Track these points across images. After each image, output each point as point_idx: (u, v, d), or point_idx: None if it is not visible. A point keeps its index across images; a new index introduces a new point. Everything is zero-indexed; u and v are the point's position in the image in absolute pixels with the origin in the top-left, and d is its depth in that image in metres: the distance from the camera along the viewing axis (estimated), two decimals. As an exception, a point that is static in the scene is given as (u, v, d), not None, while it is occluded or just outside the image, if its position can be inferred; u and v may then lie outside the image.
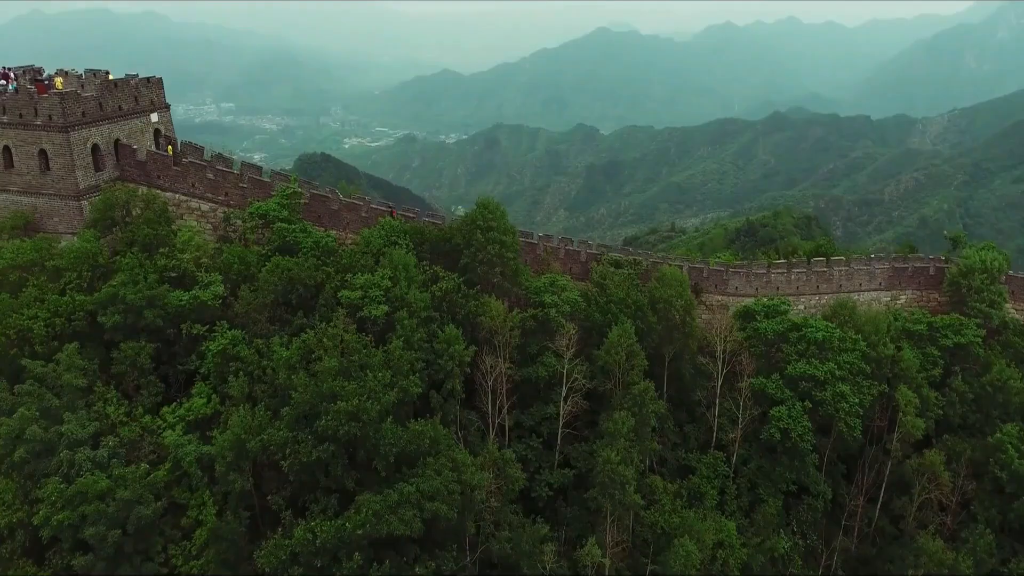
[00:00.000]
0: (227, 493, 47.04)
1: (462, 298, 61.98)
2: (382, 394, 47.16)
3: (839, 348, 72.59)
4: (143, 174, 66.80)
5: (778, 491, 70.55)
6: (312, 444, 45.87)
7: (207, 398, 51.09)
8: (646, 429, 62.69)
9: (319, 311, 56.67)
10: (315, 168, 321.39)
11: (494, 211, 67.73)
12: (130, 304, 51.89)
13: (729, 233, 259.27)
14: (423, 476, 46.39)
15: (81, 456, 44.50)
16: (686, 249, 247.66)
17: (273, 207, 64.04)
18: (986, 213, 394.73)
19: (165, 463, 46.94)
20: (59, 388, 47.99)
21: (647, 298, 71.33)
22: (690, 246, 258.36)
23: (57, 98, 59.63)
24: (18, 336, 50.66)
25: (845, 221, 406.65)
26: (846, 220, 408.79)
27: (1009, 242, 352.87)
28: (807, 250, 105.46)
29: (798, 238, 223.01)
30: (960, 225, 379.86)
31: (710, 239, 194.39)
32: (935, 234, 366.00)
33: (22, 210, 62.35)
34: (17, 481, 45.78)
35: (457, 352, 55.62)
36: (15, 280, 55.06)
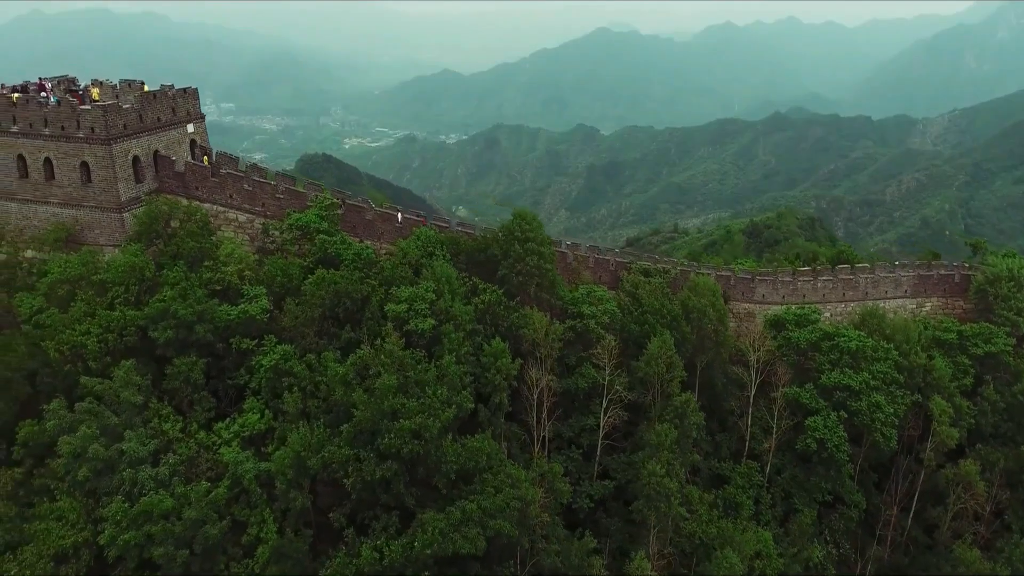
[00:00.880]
0: (285, 510, 46.97)
1: (504, 310, 61.96)
2: (441, 411, 47.21)
3: (872, 357, 72.74)
4: (181, 185, 66.76)
5: (812, 501, 70.78)
6: (375, 462, 45.82)
7: (260, 413, 50.98)
8: (688, 441, 62.93)
9: (366, 324, 56.57)
10: (316, 169, 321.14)
11: (531, 222, 67.82)
12: (181, 319, 51.81)
13: (733, 234, 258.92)
14: (483, 493, 46.46)
15: (143, 474, 44.39)
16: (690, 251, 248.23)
17: (313, 219, 63.97)
18: (987, 214, 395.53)
19: (224, 480, 46.73)
20: (116, 405, 47.85)
21: (680, 308, 71.39)
22: (694, 247, 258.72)
23: (100, 110, 59.51)
24: (71, 352, 50.51)
25: (846, 221, 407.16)
26: (847, 220, 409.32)
27: (1011, 242, 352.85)
28: (828, 256, 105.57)
29: (802, 239, 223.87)
30: (962, 226, 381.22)
31: (730, 243, 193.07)
32: (936, 234, 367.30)
33: (63, 222, 62.19)
34: (80, 500, 45.69)
35: (504, 366, 55.62)
36: (63, 294, 54.92)
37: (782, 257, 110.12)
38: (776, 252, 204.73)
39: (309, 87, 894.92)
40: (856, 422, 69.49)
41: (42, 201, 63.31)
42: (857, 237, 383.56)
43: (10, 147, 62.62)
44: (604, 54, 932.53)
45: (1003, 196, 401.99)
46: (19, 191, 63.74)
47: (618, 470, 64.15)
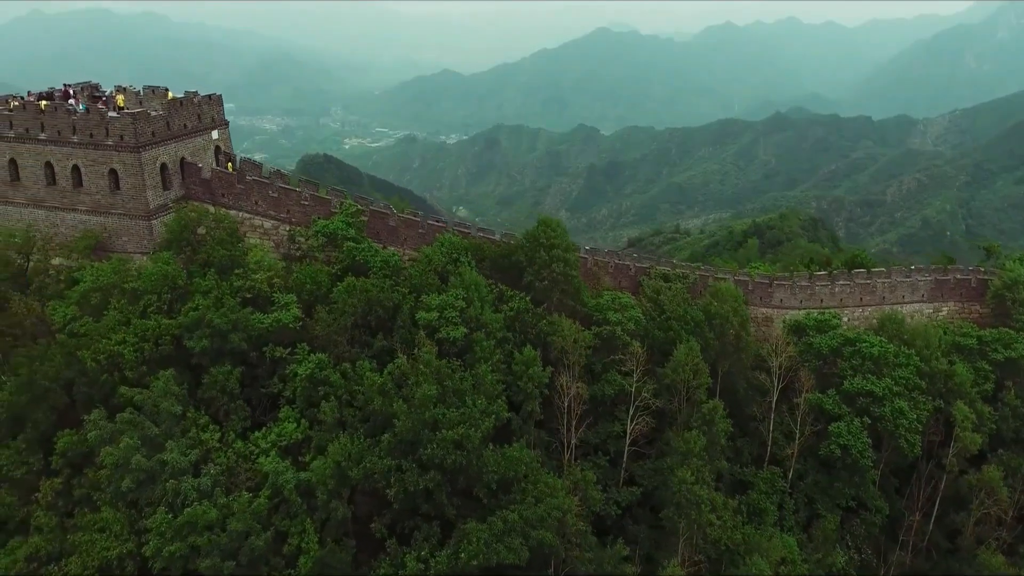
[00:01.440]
0: (325, 520, 47.02)
1: (532, 318, 62.07)
2: (481, 421, 47.34)
3: (894, 363, 72.92)
4: (207, 192, 66.81)
5: (835, 506, 70.90)
6: (417, 472, 45.92)
7: (296, 422, 51.04)
8: (716, 448, 63.01)
9: (397, 333, 56.65)
10: (317, 169, 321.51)
11: (556, 228, 67.96)
12: (216, 328, 51.85)
13: (736, 235, 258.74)
14: (523, 503, 46.56)
15: (186, 485, 44.40)
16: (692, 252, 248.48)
17: (340, 226, 64.06)
18: (988, 214, 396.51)
19: (263, 490, 46.72)
20: (156, 415, 47.88)
21: (703, 314, 71.50)
22: (696, 248, 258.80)
23: (129, 118, 59.56)
24: (108, 361, 50.55)
25: (847, 222, 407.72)
26: (848, 221, 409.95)
27: (1012, 243, 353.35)
28: (842, 260, 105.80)
29: (805, 240, 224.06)
30: (963, 226, 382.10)
31: (744, 247, 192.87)
32: (937, 235, 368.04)
33: (92, 229, 62.22)
34: (123, 511, 45.73)
35: (536, 374, 55.73)
36: (96, 303, 54.96)
37: (796, 261, 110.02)
38: (779, 253, 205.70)
39: (309, 87, 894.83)
40: (880, 428, 69.61)
41: (70, 208, 63.38)
42: (858, 238, 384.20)
43: (38, 154, 62.68)
44: (604, 54, 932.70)
45: (1004, 196, 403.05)
46: (47, 198, 63.81)
47: (644, 476, 64.26)
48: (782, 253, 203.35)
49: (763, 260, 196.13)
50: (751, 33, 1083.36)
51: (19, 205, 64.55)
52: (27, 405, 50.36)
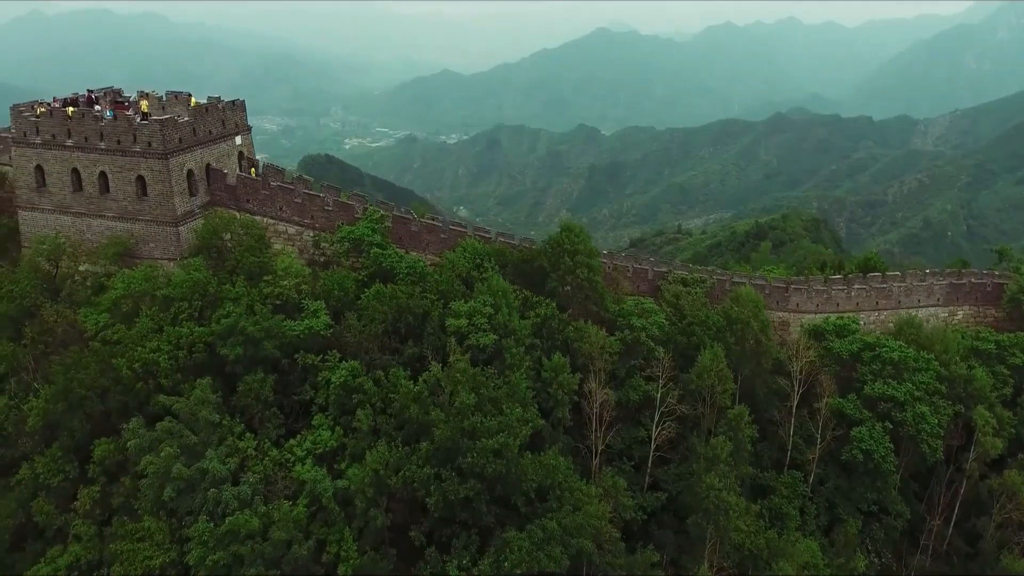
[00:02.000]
0: (362, 528, 47.14)
1: (558, 324, 62.25)
2: (519, 429, 47.53)
3: (914, 368, 73.10)
4: (233, 198, 66.92)
5: (857, 511, 71.11)
6: (457, 481, 46.10)
7: (330, 430, 51.14)
8: (742, 453, 63.24)
9: (427, 339, 56.81)
10: (319, 169, 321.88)
11: (579, 234, 68.17)
12: (249, 335, 51.96)
13: (738, 236, 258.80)
14: (561, 511, 46.76)
15: (227, 494, 44.49)
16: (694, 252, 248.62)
17: (366, 232, 64.16)
18: (990, 215, 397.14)
19: (301, 498, 46.79)
20: (194, 423, 47.97)
21: (724, 318, 71.69)
22: (699, 248, 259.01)
23: (157, 125, 59.65)
24: (143, 369, 50.68)
25: (848, 222, 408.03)
26: (849, 221, 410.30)
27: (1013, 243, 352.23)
28: (856, 263, 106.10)
29: (808, 241, 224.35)
30: (964, 227, 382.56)
31: (757, 250, 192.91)
32: (939, 235, 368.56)
33: (118, 236, 62.28)
34: (164, 520, 45.84)
35: (566, 381, 55.92)
36: (128, 310, 55.08)
37: (811, 264, 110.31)
38: (782, 254, 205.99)
39: (309, 87, 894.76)
40: (901, 433, 69.81)
41: (96, 215, 63.41)
42: (859, 238, 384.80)
43: (65, 160, 62.72)
44: (604, 54, 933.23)
45: (1005, 197, 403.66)
46: (73, 204, 63.86)
47: (668, 481, 64.44)
48: (785, 254, 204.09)
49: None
50: (751, 33, 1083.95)
51: (45, 211, 64.56)
52: (63, 413, 50.43)
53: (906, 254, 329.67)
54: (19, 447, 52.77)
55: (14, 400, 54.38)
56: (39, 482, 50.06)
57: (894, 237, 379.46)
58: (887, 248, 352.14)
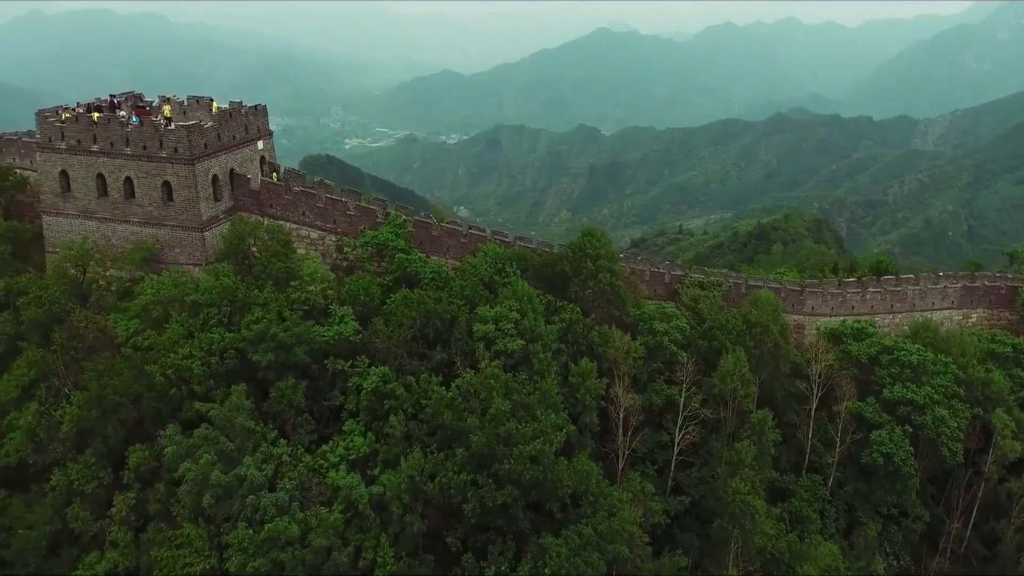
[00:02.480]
0: (397, 534, 47.32)
1: (582, 329, 62.50)
2: (554, 435, 47.80)
3: (932, 371, 73.38)
4: (256, 203, 67.12)
5: (876, 514, 71.40)
6: (494, 487, 46.33)
7: (362, 436, 51.33)
8: (766, 457, 63.54)
9: (455, 345, 57.04)
10: (320, 169, 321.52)
11: (600, 239, 68.45)
12: (280, 341, 52.15)
13: (740, 236, 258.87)
14: (596, 517, 47.00)
15: (266, 501, 44.64)
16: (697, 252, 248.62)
17: (389, 237, 64.37)
18: (990, 215, 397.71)
19: (336, 504, 46.92)
20: (229, 430, 48.13)
21: (743, 322, 71.96)
22: (700, 249, 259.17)
23: (184, 131, 59.83)
24: (176, 375, 50.90)
25: (849, 222, 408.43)
26: (850, 221, 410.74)
27: (1014, 243, 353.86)
28: (868, 265, 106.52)
29: (810, 241, 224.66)
30: (965, 227, 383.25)
31: (768, 253, 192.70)
32: (939, 235, 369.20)
33: (144, 241, 62.46)
34: (203, 526, 46.06)
35: (593, 386, 56.19)
36: (157, 316, 55.29)
37: (825, 268, 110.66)
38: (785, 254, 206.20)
39: (309, 87, 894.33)
40: (921, 437, 70.10)
41: (121, 220, 63.52)
42: (860, 238, 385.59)
43: (90, 166, 62.83)
44: (604, 54, 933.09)
45: (1006, 197, 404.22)
46: (98, 210, 63.95)
47: (691, 485, 64.64)
48: (787, 255, 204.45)
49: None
50: (751, 33, 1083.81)
51: (69, 216, 64.65)
52: (97, 419, 50.62)
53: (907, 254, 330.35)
54: (50, 453, 52.93)
55: (44, 406, 54.56)
56: (73, 488, 50.28)
57: (895, 237, 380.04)
58: (888, 248, 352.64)
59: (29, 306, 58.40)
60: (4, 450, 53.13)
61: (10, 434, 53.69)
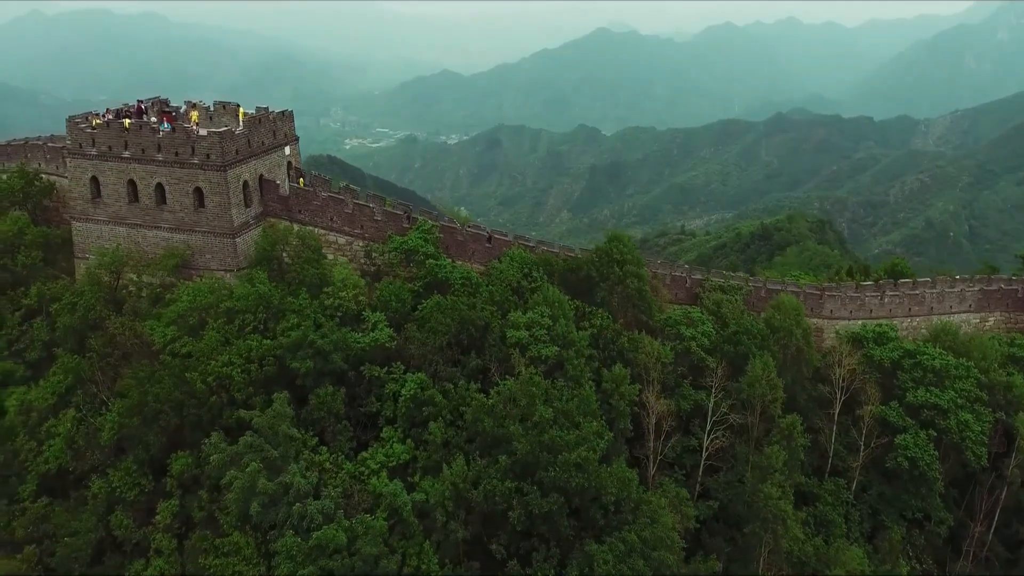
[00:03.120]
0: (440, 542, 47.50)
1: (612, 335, 62.76)
2: (596, 443, 48.07)
3: (954, 375, 73.69)
4: (285, 209, 67.31)
5: (901, 518, 71.71)
6: (538, 495, 46.58)
7: (401, 442, 51.53)
8: (796, 462, 63.80)
9: (489, 351, 57.26)
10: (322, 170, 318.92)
11: (627, 244, 68.74)
12: (318, 348, 52.36)
13: (743, 237, 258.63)
14: (638, 523, 47.26)
15: (312, 508, 44.79)
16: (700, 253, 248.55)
17: (418, 242, 64.57)
18: (991, 215, 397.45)
19: (379, 511, 47.00)
20: (273, 437, 48.26)
21: (767, 326, 72.24)
22: (703, 250, 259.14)
23: (216, 137, 60.05)
24: (216, 383, 51.10)
25: (850, 223, 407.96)
26: (851, 222, 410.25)
27: (1015, 243, 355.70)
28: (883, 268, 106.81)
29: (813, 242, 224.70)
30: (966, 227, 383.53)
31: (782, 255, 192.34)
32: (941, 236, 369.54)
33: (175, 247, 62.69)
34: (251, 534, 46.21)
35: (627, 392, 56.45)
36: (193, 323, 55.47)
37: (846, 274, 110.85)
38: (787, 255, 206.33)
39: (309, 88, 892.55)
40: (946, 441, 70.41)
41: (152, 226, 63.75)
42: (861, 238, 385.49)
43: (121, 172, 63.06)
44: (604, 54, 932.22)
45: (1006, 197, 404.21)
46: (128, 215, 64.16)
47: (718, 490, 64.89)
48: (790, 255, 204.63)
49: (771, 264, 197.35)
50: (751, 33, 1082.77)
51: (99, 223, 64.85)
52: (138, 427, 50.80)
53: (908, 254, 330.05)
54: (88, 460, 53.15)
55: (81, 412, 54.77)
56: (115, 495, 50.50)
57: (896, 237, 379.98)
58: (889, 248, 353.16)
59: (63, 312, 58.64)
60: (43, 457, 53.48)
61: (49, 441, 53.96)
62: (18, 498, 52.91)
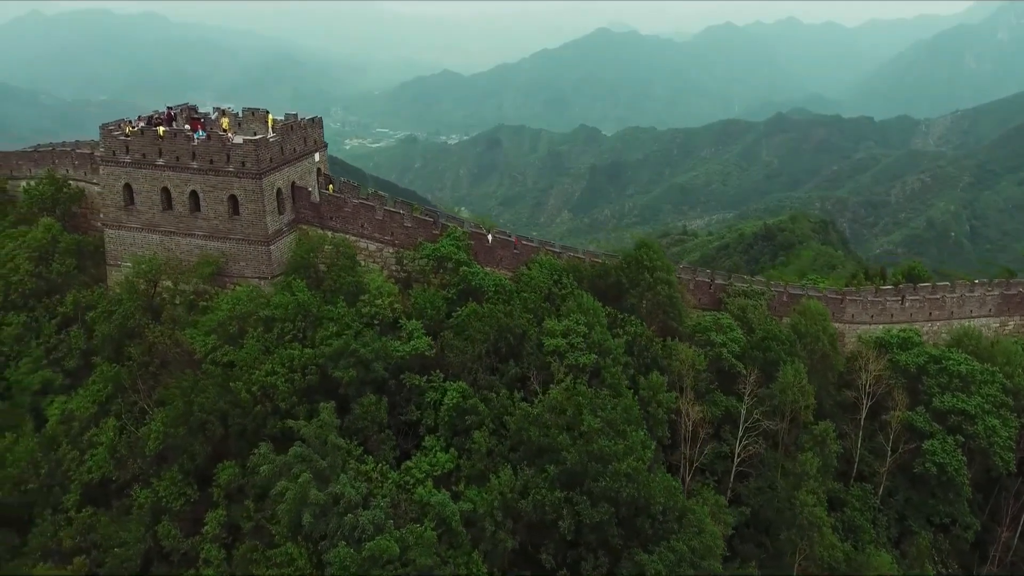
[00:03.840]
0: (488, 551, 47.59)
1: (646, 342, 62.92)
2: (644, 452, 48.26)
3: (980, 380, 73.89)
4: (316, 216, 67.42)
5: (928, 523, 71.90)
6: (589, 504, 46.74)
7: (444, 451, 51.64)
8: (829, 469, 63.99)
9: (527, 359, 57.39)
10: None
11: (656, 250, 68.98)
12: (360, 357, 52.48)
13: (746, 237, 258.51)
14: (687, 532, 47.44)
15: (364, 519, 44.88)
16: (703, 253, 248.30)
17: (451, 249, 64.65)
18: (992, 215, 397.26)
19: (427, 521, 47.01)
20: (321, 448, 48.31)
21: (793, 331, 72.41)
22: (706, 250, 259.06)
23: (252, 145, 60.14)
24: (261, 392, 51.20)
25: (851, 223, 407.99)
26: (852, 222, 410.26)
27: (1016, 244, 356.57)
28: (900, 272, 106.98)
29: (817, 243, 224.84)
30: (967, 227, 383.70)
31: (798, 259, 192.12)
32: (942, 236, 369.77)
33: (209, 254, 62.75)
34: (303, 545, 46.23)
35: (665, 400, 56.63)
36: (233, 332, 55.55)
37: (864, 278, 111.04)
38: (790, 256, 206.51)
39: (309, 88, 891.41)
40: (973, 447, 70.63)
41: (185, 233, 63.80)
42: (862, 239, 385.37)
43: (154, 180, 63.11)
44: (604, 54, 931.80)
45: (1008, 198, 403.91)
46: (162, 223, 64.21)
47: (749, 496, 65.07)
48: (793, 256, 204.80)
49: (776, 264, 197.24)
50: (751, 33, 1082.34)
51: (132, 230, 64.90)
52: (184, 436, 50.89)
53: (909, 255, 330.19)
54: (130, 469, 53.24)
55: (121, 421, 54.87)
56: (161, 505, 50.59)
57: (897, 238, 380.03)
58: (890, 249, 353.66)
59: (100, 320, 58.70)
60: (87, 466, 53.42)
61: (91, 450, 53.99)
62: (62, 507, 52.94)
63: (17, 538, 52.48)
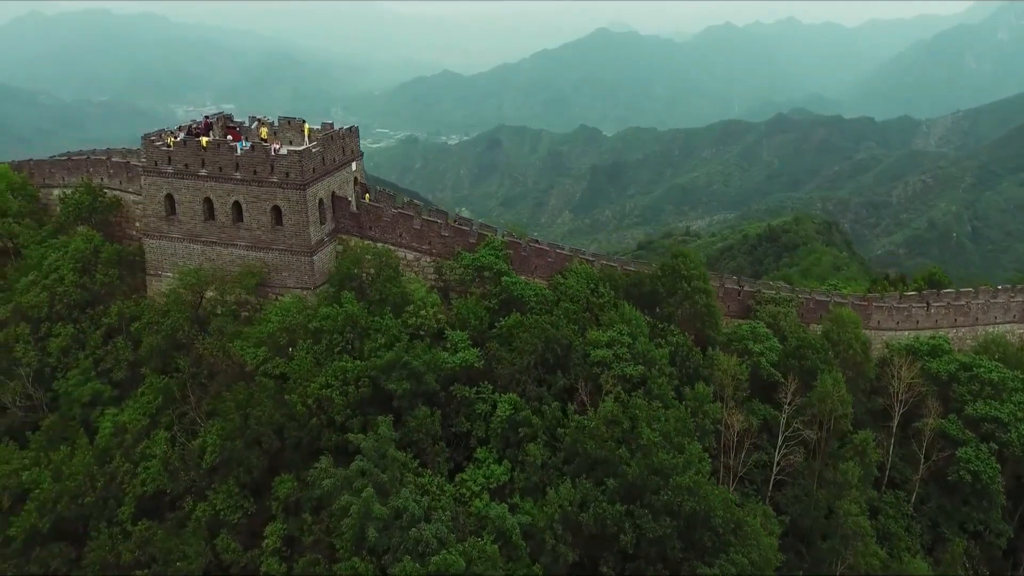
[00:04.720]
0: (548, 565, 47.76)
1: (687, 351, 63.18)
2: (702, 465, 48.52)
3: (1011, 388, 74.21)
4: (356, 225, 67.59)
5: (961, 530, 72.21)
6: (650, 518, 47.00)
7: (498, 463, 51.84)
8: (869, 478, 64.28)
9: (574, 370, 57.60)
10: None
11: (693, 259, 69.22)
12: (413, 369, 52.68)
13: (750, 238, 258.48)
14: (746, 545, 47.69)
15: (428, 533, 45.09)
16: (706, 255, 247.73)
17: (491, 259, 64.76)
18: (994, 215, 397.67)
19: (486, 535, 47.13)
20: (381, 461, 48.49)
21: (826, 339, 72.65)
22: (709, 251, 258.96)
23: (296, 156, 60.41)
24: (316, 404, 51.38)
25: (853, 223, 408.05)
26: (853, 223, 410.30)
27: (1018, 244, 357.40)
28: (918, 278, 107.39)
29: (821, 244, 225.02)
30: (968, 228, 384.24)
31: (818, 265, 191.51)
32: (944, 236, 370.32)
33: (251, 265, 62.89)
34: (368, 559, 46.33)
35: (711, 410, 56.89)
36: (283, 343, 55.73)
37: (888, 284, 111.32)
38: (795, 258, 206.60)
39: (309, 88, 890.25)
40: (1007, 454, 70.94)
41: (228, 244, 63.92)
42: (864, 239, 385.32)
43: (197, 190, 63.30)
44: (604, 54, 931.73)
45: (1009, 198, 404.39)
46: (204, 233, 64.34)
47: (788, 505, 65.31)
48: (797, 258, 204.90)
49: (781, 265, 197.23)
50: (751, 33, 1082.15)
51: (173, 240, 65.02)
52: (241, 449, 51.05)
53: (911, 255, 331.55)
54: (182, 481, 53.42)
55: (172, 432, 55.04)
56: (218, 518, 50.75)
57: (898, 238, 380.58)
58: (892, 250, 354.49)
59: (147, 332, 58.84)
60: (140, 479, 53.55)
61: (144, 463, 54.13)
62: (117, 520, 53.09)
63: (74, 552, 52.60)
